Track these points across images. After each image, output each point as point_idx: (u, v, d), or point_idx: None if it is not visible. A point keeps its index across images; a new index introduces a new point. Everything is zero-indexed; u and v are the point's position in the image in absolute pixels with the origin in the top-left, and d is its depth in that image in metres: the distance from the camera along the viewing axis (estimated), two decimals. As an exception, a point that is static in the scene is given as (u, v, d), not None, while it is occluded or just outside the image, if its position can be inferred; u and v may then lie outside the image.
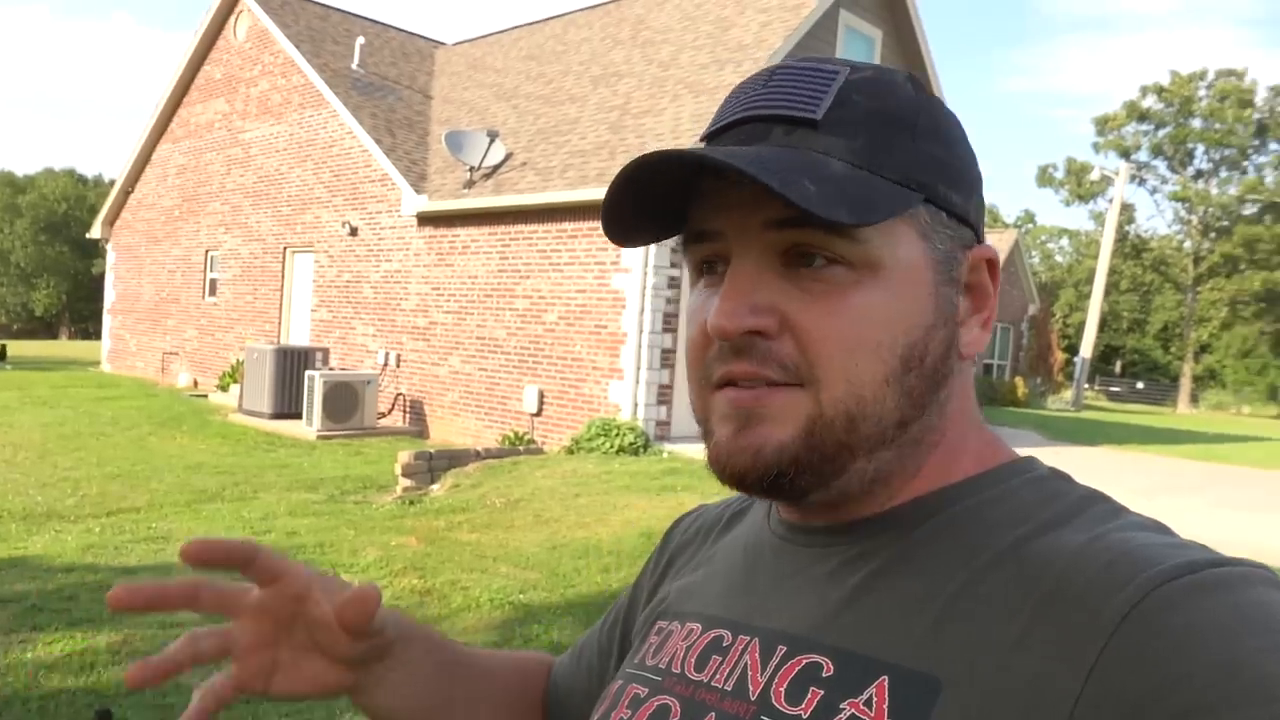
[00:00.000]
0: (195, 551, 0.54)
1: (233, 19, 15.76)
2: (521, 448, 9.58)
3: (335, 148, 13.47)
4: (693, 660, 0.61)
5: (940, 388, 0.57)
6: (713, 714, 0.56)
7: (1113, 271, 36.98)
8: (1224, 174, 42.63)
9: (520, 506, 7.01)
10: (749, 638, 0.59)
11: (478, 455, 8.77)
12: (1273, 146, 41.39)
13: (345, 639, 0.58)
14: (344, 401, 10.92)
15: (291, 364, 11.68)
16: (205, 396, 14.10)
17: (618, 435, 9.07)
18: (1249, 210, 40.85)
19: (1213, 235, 41.86)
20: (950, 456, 0.58)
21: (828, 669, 0.53)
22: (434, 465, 8.24)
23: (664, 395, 9.84)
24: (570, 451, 9.17)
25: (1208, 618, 0.43)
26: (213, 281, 15.89)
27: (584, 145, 10.92)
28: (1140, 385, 47.05)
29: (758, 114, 0.55)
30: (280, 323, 14.33)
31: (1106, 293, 25.15)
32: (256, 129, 15.03)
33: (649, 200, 0.57)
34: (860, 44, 11.97)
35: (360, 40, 14.84)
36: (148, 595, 0.54)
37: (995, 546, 0.52)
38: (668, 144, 9.83)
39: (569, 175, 10.44)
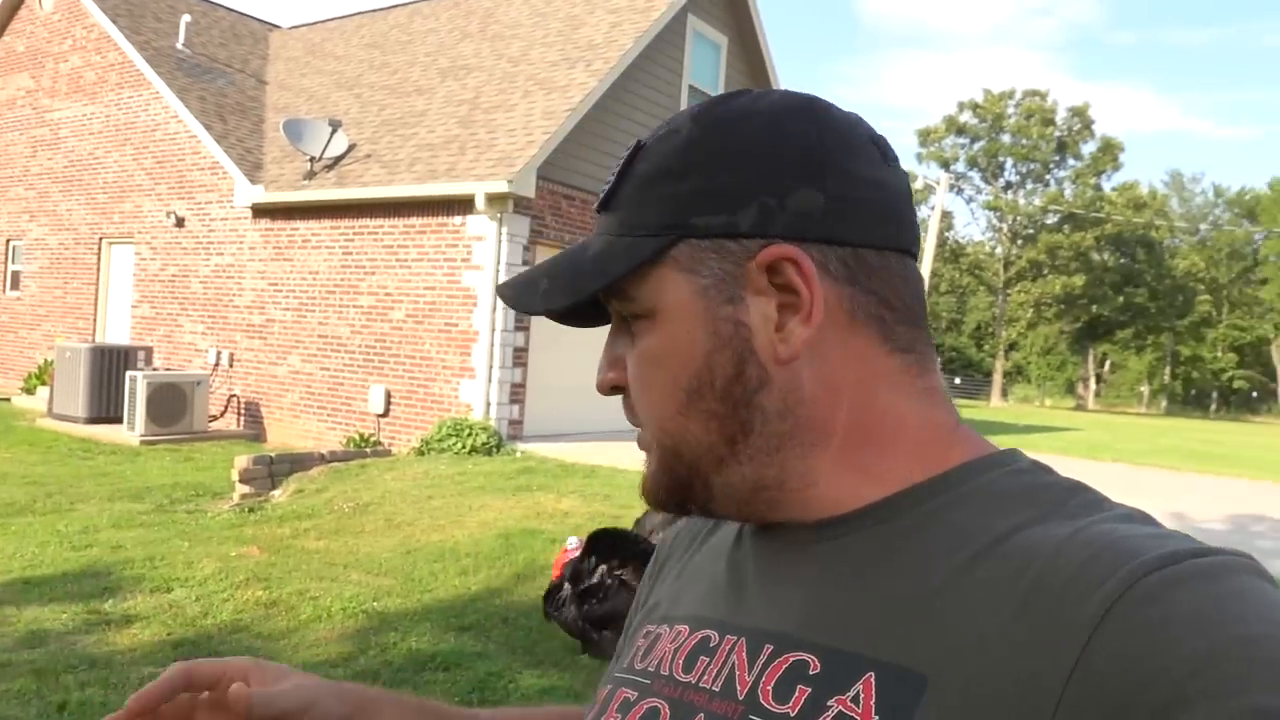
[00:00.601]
0: (137, 712, 0.62)
1: (37, -13, 14.42)
2: (369, 450, 9.25)
3: (158, 132, 12.57)
4: (680, 662, 0.60)
5: (755, 401, 0.57)
6: (701, 715, 0.56)
7: (934, 274, 39.55)
8: (1030, 186, 46.40)
9: (370, 511, 6.77)
10: (736, 637, 0.58)
11: (322, 458, 8.40)
12: (1070, 162, 45.40)
13: None
14: (171, 404, 10.22)
15: (110, 364, 10.82)
16: (8, 400, 12.85)
17: (470, 435, 8.92)
18: (1051, 220, 44.60)
19: (1020, 242, 45.42)
20: (866, 448, 0.58)
21: (814, 667, 0.53)
22: (275, 470, 7.83)
23: (517, 394, 9.74)
24: (421, 453, 8.93)
25: (1186, 610, 0.44)
26: (14, 274, 14.50)
27: (433, 139, 10.66)
28: (958, 381, 50.49)
29: (595, 207, 0.65)
30: (96, 319, 13.24)
31: (929, 294, 26.99)
32: (67, 109, 13.82)
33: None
34: (707, 49, 12.25)
35: (186, 18, 13.91)
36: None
37: (979, 540, 0.53)
38: (519, 140, 9.74)
39: (417, 169, 10.16)
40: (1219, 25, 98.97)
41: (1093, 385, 54.52)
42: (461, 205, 9.61)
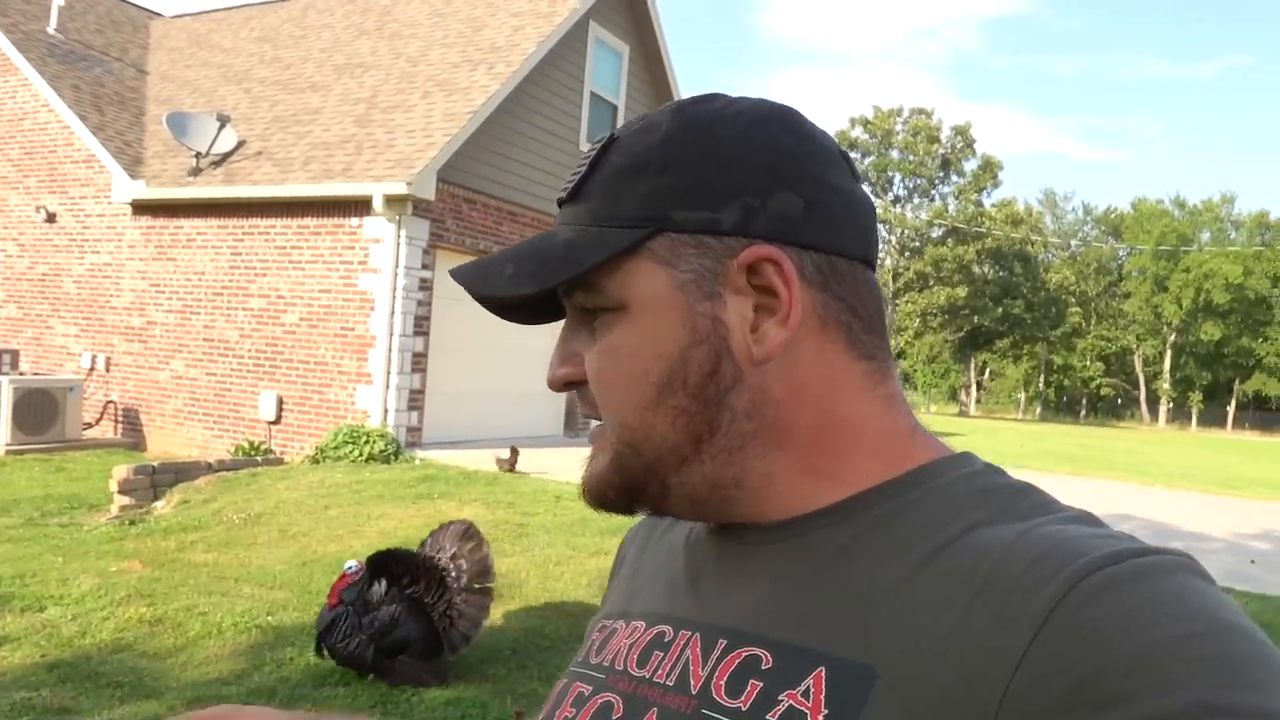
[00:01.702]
0: None
1: (-110, -38, 13.36)
2: (259, 458, 8.90)
3: (27, 121, 11.81)
4: (635, 656, 0.60)
5: (726, 400, 0.57)
6: (655, 710, 0.56)
7: (827, 284, 40.63)
8: (917, 200, 48.25)
9: (262, 521, 6.51)
10: (690, 633, 0.59)
11: (209, 468, 8.03)
12: (954, 179, 47.44)
13: None
14: (40, 411, 9.60)
15: (-29, 368, 10.09)
16: None
17: (367, 443, 8.68)
18: (936, 233, 46.51)
19: (908, 254, 47.20)
20: (826, 451, 0.58)
21: (766, 661, 0.53)
22: (157, 480, 7.44)
23: (415, 400, 9.54)
24: (315, 461, 8.64)
25: (1123, 609, 0.45)
26: None
27: (328, 137, 10.36)
28: (849, 387, 51.92)
29: (559, 197, 0.64)
30: (-46, 320, 12.33)
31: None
32: (-78, 93, 12.84)
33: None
34: (609, 57, 12.29)
35: (59, 1, 13.12)
36: None
37: (931, 541, 0.54)
38: (419, 141, 9.56)
39: (312, 168, 9.85)
40: (1087, 54, 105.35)
41: (974, 392, 57.03)
42: (358, 206, 9.36)
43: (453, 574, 3.93)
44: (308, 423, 9.59)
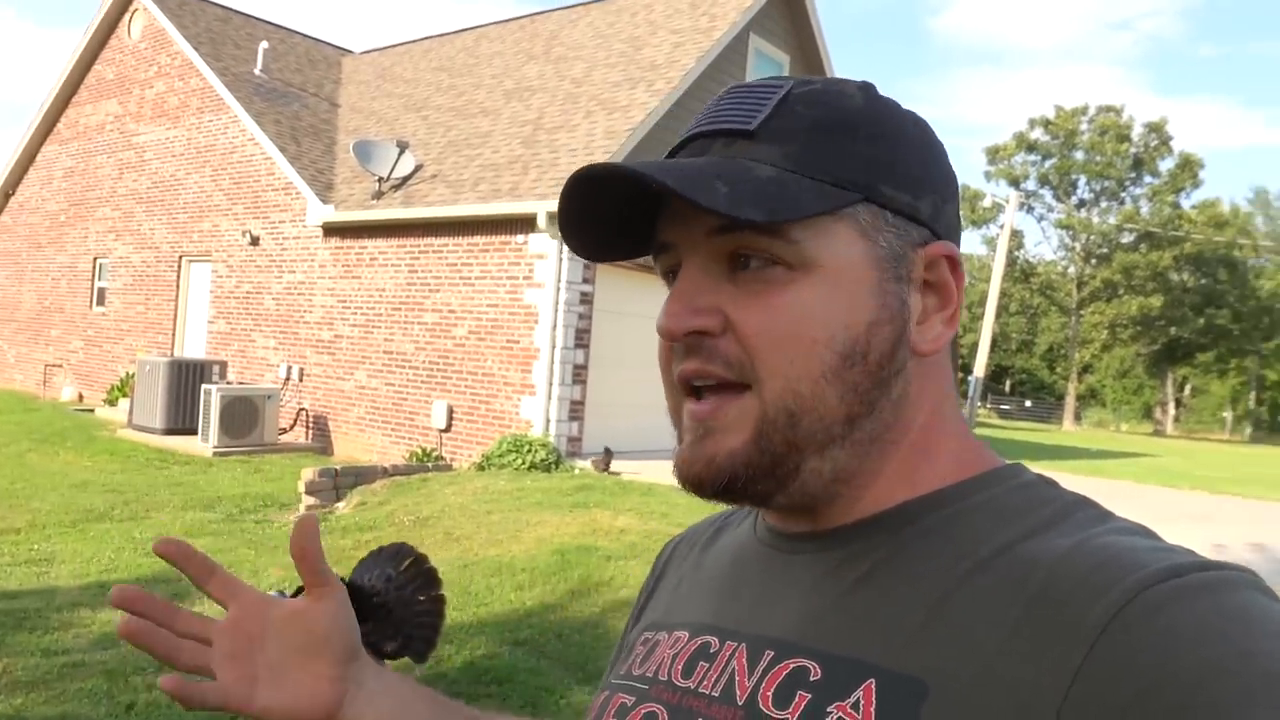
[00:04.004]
0: (167, 548, 0.61)
1: (127, 17, 15.10)
2: (430, 464, 9.40)
3: (236, 154, 13.03)
4: (679, 667, 0.60)
5: (890, 385, 0.57)
6: (700, 719, 0.56)
7: (1003, 294, 38.63)
8: (1104, 204, 45.16)
9: (430, 524, 6.87)
10: (736, 644, 0.58)
11: (385, 472, 8.56)
12: (1147, 179, 44.09)
13: (318, 628, 0.61)
14: (243, 417, 10.53)
15: (186, 377, 11.20)
16: (92, 411, 13.38)
17: (529, 451, 8.99)
18: (1126, 239, 43.33)
19: (1094, 261, 44.20)
20: (921, 457, 0.58)
21: (815, 673, 0.53)
22: (339, 483, 8.00)
23: (576, 411, 9.80)
24: (480, 468, 9.04)
25: (1191, 621, 0.44)
26: (101, 290, 15.13)
27: (496, 159, 10.85)
28: (1028, 403, 49.26)
29: (704, 130, 0.59)
30: (175, 334, 13.74)
31: (997, 315, 26.34)
32: (151, 132, 14.42)
33: (615, 218, 0.60)
34: (769, 67, 12.25)
35: (264, 45, 14.42)
36: (143, 601, 0.62)
37: (982, 551, 0.53)
38: (580, 159, 9.85)
39: (481, 188, 10.34)
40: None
41: (1171, 410, 52.61)
42: (524, 224, 9.74)
43: (392, 596, 3.65)
44: (475, 431, 10.05)
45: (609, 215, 0.60)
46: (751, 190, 0.53)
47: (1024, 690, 0.46)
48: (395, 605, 0.88)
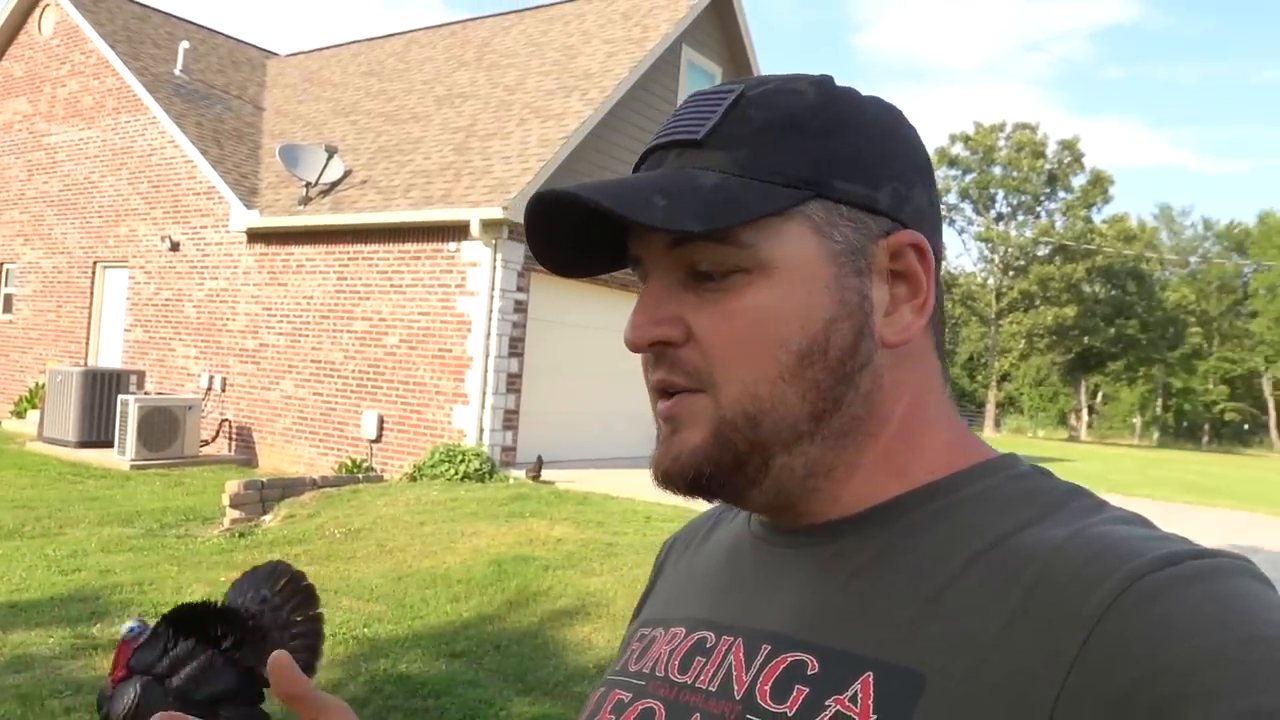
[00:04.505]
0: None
1: (37, 13, 14.49)
2: (361, 476, 9.20)
3: (155, 156, 12.61)
4: (676, 663, 0.60)
5: (855, 379, 0.57)
6: (697, 715, 0.56)
7: (927, 304, 39.68)
8: (1021, 218, 46.76)
9: (362, 536, 6.72)
10: (733, 638, 0.58)
11: (314, 484, 8.35)
12: (1061, 195, 45.82)
13: None
14: (162, 428, 10.17)
15: (101, 387, 10.78)
16: (-4, 423, 12.77)
17: (463, 461, 8.88)
18: (1042, 252, 44.92)
19: (1012, 273, 45.71)
20: (905, 447, 0.58)
21: (812, 666, 0.53)
22: (266, 495, 7.77)
23: (510, 420, 9.72)
24: (413, 479, 8.89)
25: (1187, 609, 0.44)
26: (7, 297, 14.46)
27: (429, 165, 10.72)
28: (951, 411, 50.38)
29: (661, 142, 0.60)
30: (88, 343, 13.20)
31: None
32: (63, 133, 13.86)
33: (584, 236, 0.61)
34: (702, 79, 12.36)
35: (184, 45, 14.00)
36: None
37: (978, 542, 0.53)
38: (514, 167, 9.80)
39: (413, 195, 10.20)
40: (1208, 62, 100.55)
41: (1085, 416, 54.64)
42: (456, 231, 9.64)
43: (267, 618, 3.23)
44: (407, 441, 9.88)
45: (575, 234, 0.61)
46: (692, 201, 0.54)
47: (1021, 681, 0.46)
48: (271, 627, 0.83)
